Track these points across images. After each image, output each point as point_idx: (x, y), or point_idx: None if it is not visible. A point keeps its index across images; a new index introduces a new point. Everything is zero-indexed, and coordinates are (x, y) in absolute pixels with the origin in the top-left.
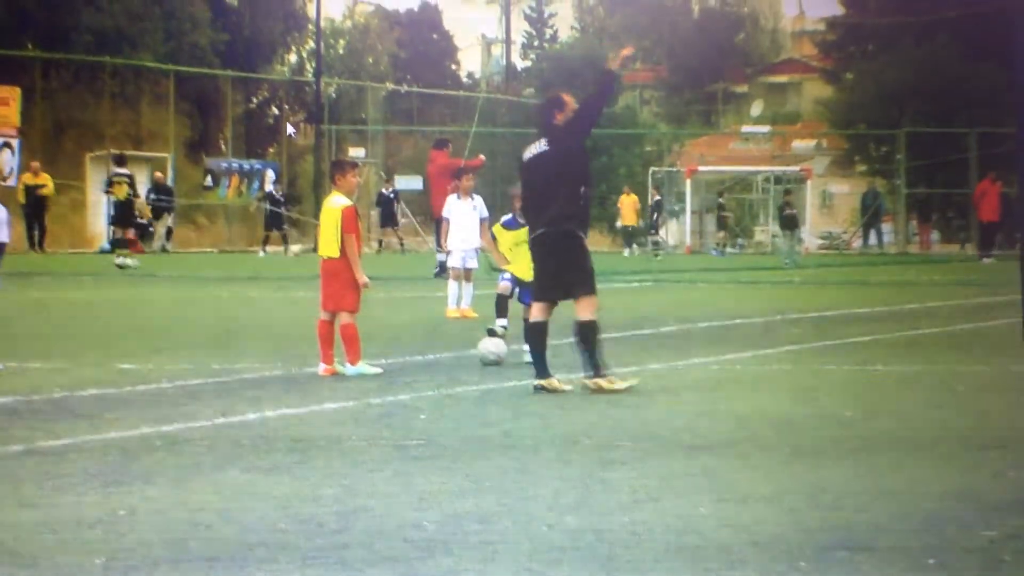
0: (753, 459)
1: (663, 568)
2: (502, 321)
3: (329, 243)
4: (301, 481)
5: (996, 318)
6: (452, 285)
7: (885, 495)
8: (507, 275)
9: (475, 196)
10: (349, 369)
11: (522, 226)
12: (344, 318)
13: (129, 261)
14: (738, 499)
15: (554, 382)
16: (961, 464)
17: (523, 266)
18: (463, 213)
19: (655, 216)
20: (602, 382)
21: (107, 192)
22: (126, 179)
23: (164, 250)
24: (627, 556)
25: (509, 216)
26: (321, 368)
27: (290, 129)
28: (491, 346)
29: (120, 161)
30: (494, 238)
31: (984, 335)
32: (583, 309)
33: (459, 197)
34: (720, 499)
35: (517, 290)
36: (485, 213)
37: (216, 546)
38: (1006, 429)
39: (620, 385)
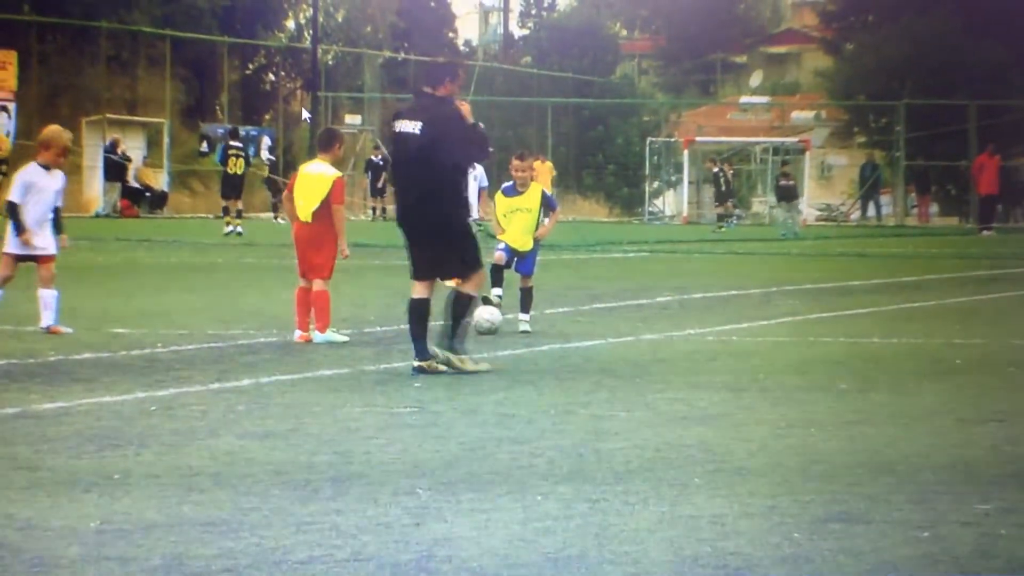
0: (747, 430)
1: (657, 538)
2: (497, 290)
3: (307, 208)
4: (295, 447)
5: (994, 291)
6: None
7: (880, 467)
8: (502, 245)
9: (476, 165)
10: (318, 336)
11: (520, 194)
12: (318, 285)
13: (239, 228)
14: (732, 470)
15: (434, 363)
16: (957, 437)
17: (516, 234)
18: None
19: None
20: (452, 359)
21: (222, 164)
22: (241, 152)
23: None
24: (620, 525)
25: (510, 183)
26: (297, 335)
27: (305, 114)
28: (486, 314)
29: (235, 134)
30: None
31: (982, 308)
32: (468, 285)
33: None
34: (715, 469)
35: (515, 260)
36: (485, 183)
37: (210, 511)
38: (1003, 403)
39: (471, 367)
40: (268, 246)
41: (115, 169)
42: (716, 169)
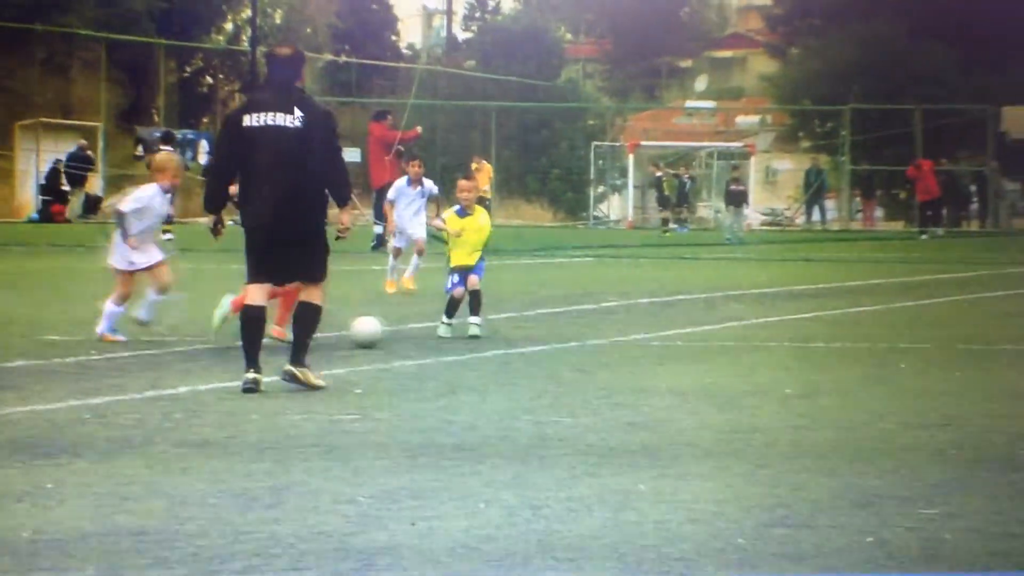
0: (692, 436)
1: (599, 544)
2: (447, 325)
3: None
4: (233, 455)
5: (940, 295)
6: (391, 261)
7: (825, 472)
8: (456, 279)
9: (425, 182)
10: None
11: (469, 215)
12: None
13: (170, 235)
14: (677, 475)
15: (259, 378)
16: (902, 442)
17: (464, 254)
18: (409, 202)
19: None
20: (306, 373)
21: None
22: None
23: (81, 219)
24: (564, 532)
25: (459, 207)
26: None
27: None
28: (366, 327)
29: (167, 138)
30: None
31: (927, 312)
32: (315, 294)
33: (409, 183)
34: (659, 475)
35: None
36: (435, 190)
37: (145, 520)
38: (948, 407)
39: (317, 381)
40: (204, 252)
41: (81, 175)
42: (659, 174)
